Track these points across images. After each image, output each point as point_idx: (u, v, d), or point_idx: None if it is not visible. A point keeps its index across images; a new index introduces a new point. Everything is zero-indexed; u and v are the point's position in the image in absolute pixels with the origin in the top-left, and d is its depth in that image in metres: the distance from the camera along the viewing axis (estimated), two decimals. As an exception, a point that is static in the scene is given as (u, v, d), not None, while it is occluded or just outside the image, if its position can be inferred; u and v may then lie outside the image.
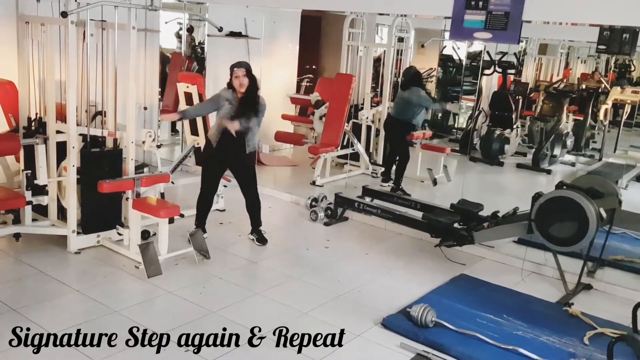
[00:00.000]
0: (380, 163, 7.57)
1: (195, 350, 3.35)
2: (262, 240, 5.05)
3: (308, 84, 9.35)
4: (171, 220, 4.45)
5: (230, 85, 4.75)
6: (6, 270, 4.25)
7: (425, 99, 6.76)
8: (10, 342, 3.28)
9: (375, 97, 8.28)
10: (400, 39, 7.82)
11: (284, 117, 8.31)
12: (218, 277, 4.37)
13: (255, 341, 3.51)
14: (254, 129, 4.76)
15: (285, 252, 5.02)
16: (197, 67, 8.53)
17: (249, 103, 4.68)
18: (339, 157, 7.62)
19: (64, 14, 4.13)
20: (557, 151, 8.75)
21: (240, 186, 5.05)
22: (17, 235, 4.62)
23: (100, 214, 4.66)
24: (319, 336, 3.59)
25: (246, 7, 7.46)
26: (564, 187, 4.48)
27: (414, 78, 6.82)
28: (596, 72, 9.67)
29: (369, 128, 7.68)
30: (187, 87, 5.54)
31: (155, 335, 3.46)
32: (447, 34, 9.49)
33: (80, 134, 4.55)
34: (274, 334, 3.59)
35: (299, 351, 3.43)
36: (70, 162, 4.47)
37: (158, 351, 3.33)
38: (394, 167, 7.03)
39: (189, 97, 5.60)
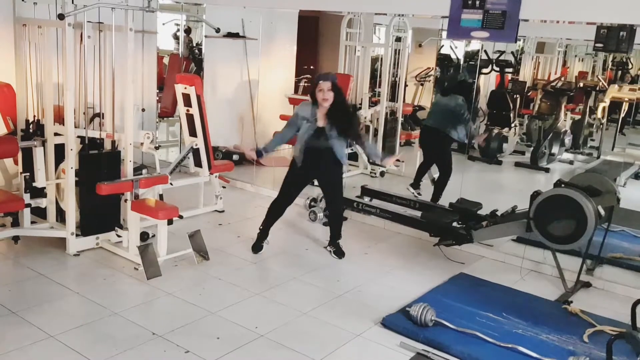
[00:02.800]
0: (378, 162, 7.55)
1: (195, 351, 3.35)
2: (339, 253, 4.92)
3: (306, 84, 9.33)
4: (170, 222, 4.45)
5: (313, 98, 4.52)
6: (5, 273, 4.24)
7: (463, 111, 6.11)
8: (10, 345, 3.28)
9: (374, 97, 8.28)
10: (398, 39, 7.82)
11: (282, 117, 8.28)
12: (217, 278, 4.37)
13: (255, 341, 3.51)
14: (340, 142, 4.54)
15: (285, 253, 5.02)
16: (194, 68, 8.53)
17: (337, 116, 4.48)
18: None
19: (61, 16, 4.12)
20: (555, 149, 8.75)
21: (324, 197, 5.01)
22: (16, 238, 4.61)
23: (99, 216, 4.66)
24: (319, 336, 3.59)
25: (243, 7, 7.45)
26: (563, 185, 4.48)
27: (459, 85, 6.35)
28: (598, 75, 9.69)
29: (367, 128, 7.67)
30: (185, 88, 5.54)
31: (155, 337, 3.46)
32: (444, 33, 9.49)
33: (78, 136, 4.55)
34: (274, 334, 3.60)
35: (299, 351, 3.44)
36: (68, 165, 4.47)
37: (158, 352, 3.33)
38: (429, 177, 6.63)
39: (186, 98, 5.59)
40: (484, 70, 9.02)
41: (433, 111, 6.47)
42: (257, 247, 4.91)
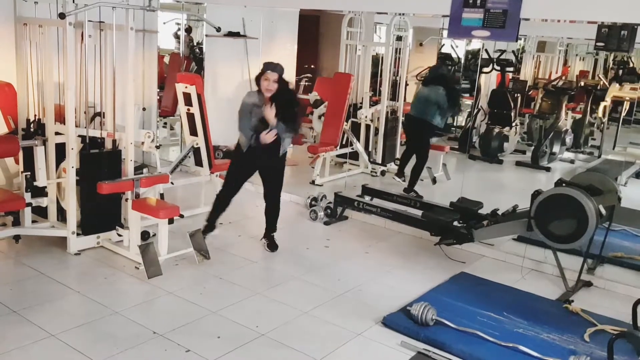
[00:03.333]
0: (379, 162, 7.57)
1: (196, 350, 3.35)
2: (272, 246, 4.96)
3: (307, 83, 9.35)
4: (171, 221, 4.45)
5: (257, 85, 4.58)
6: (6, 272, 4.25)
7: (443, 99, 6.39)
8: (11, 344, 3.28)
9: (374, 96, 8.28)
10: (399, 38, 7.82)
11: (283, 116, 8.30)
12: (218, 277, 4.37)
13: (255, 340, 3.51)
14: (282, 129, 4.55)
15: (285, 252, 5.02)
16: (195, 67, 8.54)
17: (283, 105, 4.52)
18: (338, 156, 7.62)
19: (62, 16, 4.12)
20: (556, 148, 8.75)
21: (265, 189, 4.94)
22: (17, 237, 4.62)
23: (100, 215, 4.66)
24: (320, 335, 3.60)
25: (244, 7, 7.46)
26: (564, 185, 4.48)
27: (439, 77, 6.57)
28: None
29: (368, 127, 7.67)
30: (186, 87, 5.53)
31: (155, 336, 3.46)
32: (445, 32, 9.50)
33: (79, 135, 4.55)
34: (274, 333, 3.60)
35: (300, 350, 3.44)
36: (69, 164, 4.47)
37: (159, 351, 3.34)
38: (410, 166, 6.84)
39: (187, 97, 5.59)
40: (485, 70, 9.03)
41: (416, 101, 6.73)
42: (204, 232, 4.83)
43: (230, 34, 7.65)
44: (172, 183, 5.16)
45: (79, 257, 4.54)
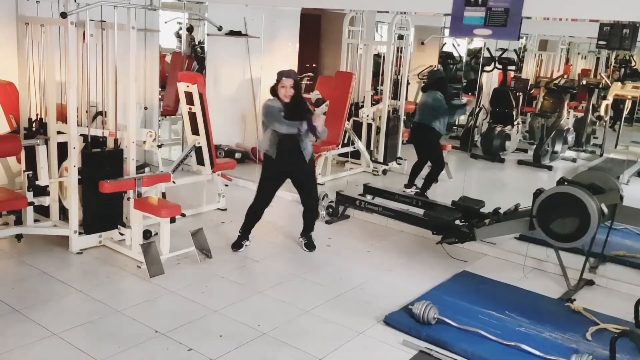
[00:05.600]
0: (381, 160, 7.56)
1: (198, 349, 3.36)
2: (310, 246, 4.97)
3: (308, 82, 9.34)
4: (173, 220, 4.46)
5: (274, 93, 4.67)
6: (9, 272, 4.26)
7: (440, 103, 6.36)
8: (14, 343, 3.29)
9: (376, 95, 8.27)
10: (400, 37, 7.81)
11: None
12: (220, 276, 4.38)
13: (257, 339, 3.51)
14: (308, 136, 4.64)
15: (287, 251, 5.03)
16: (197, 66, 8.53)
17: (299, 110, 4.60)
18: (339, 155, 7.62)
19: (64, 15, 4.13)
20: (558, 147, 8.73)
21: (301, 195, 4.95)
22: (19, 236, 4.63)
23: (102, 214, 4.66)
24: (322, 334, 3.60)
25: (245, 5, 7.45)
26: (565, 183, 4.48)
27: (437, 82, 6.54)
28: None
29: (369, 126, 7.67)
30: (188, 86, 5.54)
31: (158, 334, 3.47)
32: (447, 31, 9.48)
33: (81, 135, 4.56)
34: (276, 332, 3.60)
35: (302, 349, 3.44)
36: (71, 163, 4.47)
37: (161, 350, 3.34)
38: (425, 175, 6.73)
39: (189, 96, 5.60)
40: (487, 68, 9.01)
41: (418, 108, 6.70)
42: (236, 245, 4.90)
43: (232, 33, 7.65)
44: (173, 182, 5.16)
45: (81, 256, 4.55)
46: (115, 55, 4.48)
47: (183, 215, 4.57)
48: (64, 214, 4.79)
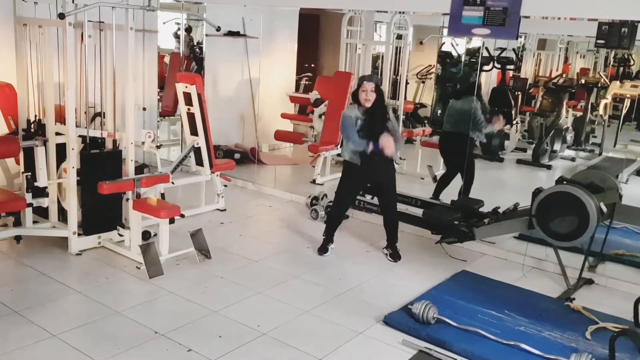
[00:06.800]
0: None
1: (197, 350, 3.35)
2: (395, 256, 4.92)
3: (307, 82, 9.34)
4: (172, 221, 4.46)
5: (355, 98, 4.60)
6: (8, 273, 4.25)
7: (477, 110, 5.88)
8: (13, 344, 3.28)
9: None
10: (399, 36, 7.81)
11: (283, 115, 8.31)
12: (219, 277, 4.37)
13: (257, 340, 3.51)
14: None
15: (286, 251, 5.03)
16: (195, 67, 8.53)
17: (375, 122, 4.52)
18: (339, 155, 7.60)
19: (62, 16, 4.12)
20: (557, 146, 8.74)
21: (381, 202, 4.94)
22: (18, 238, 4.62)
23: (101, 215, 4.66)
24: (321, 334, 3.59)
25: (244, 6, 7.46)
26: (565, 182, 4.48)
27: (471, 86, 6.13)
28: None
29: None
30: (186, 87, 5.53)
31: (157, 335, 3.46)
32: (445, 31, 9.48)
33: (79, 136, 4.56)
34: (275, 332, 3.60)
35: (301, 349, 3.44)
36: (70, 164, 4.47)
37: (161, 351, 3.34)
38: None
39: (187, 97, 5.59)
40: (485, 68, 9.01)
41: (449, 115, 6.22)
42: (322, 249, 4.96)
43: (230, 34, 7.65)
44: (172, 183, 5.15)
45: (80, 257, 4.54)
46: (113, 56, 4.47)
47: (182, 216, 4.57)
48: (63, 215, 4.79)
